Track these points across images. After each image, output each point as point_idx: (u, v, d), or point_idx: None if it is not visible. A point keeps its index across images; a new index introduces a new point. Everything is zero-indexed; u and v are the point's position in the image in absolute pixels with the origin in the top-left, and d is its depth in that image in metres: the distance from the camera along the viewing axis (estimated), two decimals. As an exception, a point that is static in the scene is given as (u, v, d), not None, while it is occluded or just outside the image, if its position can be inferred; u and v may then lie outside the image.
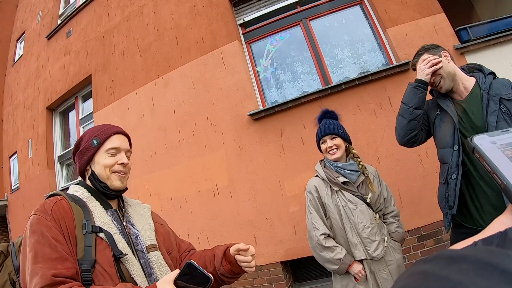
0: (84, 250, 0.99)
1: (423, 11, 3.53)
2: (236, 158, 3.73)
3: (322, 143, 1.98)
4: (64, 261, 0.93)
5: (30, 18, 7.51)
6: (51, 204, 1.04)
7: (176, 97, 4.23)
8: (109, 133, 1.20)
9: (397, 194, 3.13)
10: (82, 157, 1.18)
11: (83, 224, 1.03)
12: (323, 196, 1.89)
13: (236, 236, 3.60)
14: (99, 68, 5.20)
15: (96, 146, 1.16)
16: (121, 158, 1.19)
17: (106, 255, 1.02)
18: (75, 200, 1.10)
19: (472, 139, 0.39)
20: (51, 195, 1.12)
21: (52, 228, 0.97)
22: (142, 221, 1.25)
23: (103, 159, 1.16)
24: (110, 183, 1.16)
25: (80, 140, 1.21)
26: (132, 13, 5.00)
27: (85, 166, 1.19)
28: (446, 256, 0.27)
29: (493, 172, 0.35)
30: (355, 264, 1.78)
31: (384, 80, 3.41)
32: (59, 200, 1.07)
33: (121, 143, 1.21)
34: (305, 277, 3.66)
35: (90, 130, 1.22)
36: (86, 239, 1.01)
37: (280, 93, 3.95)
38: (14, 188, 6.86)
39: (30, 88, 6.61)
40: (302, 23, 4.04)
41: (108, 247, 1.03)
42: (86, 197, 1.13)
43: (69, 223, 1.02)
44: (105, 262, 1.00)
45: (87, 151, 1.17)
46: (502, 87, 1.61)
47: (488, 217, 1.63)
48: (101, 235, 1.05)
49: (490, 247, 0.27)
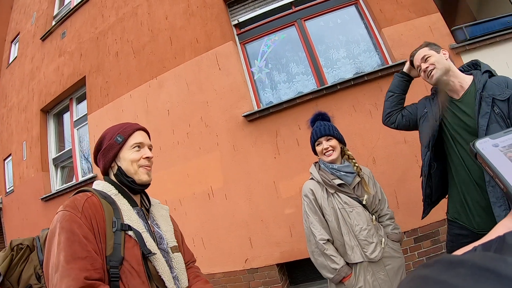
0: (113, 247, 1.01)
1: (419, 11, 3.52)
2: (231, 159, 3.70)
3: (317, 145, 1.96)
4: (94, 260, 0.94)
5: (25, 20, 7.46)
6: (82, 200, 1.05)
7: (170, 99, 4.19)
8: (132, 130, 1.27)
9: (394, 195, 3.11)
10: (107, 155, 1.22)
11: (113, 222, 1.06)
12: (319, 199, 1.87)
13: (232, 239, 3.56)
14: (93, 70, 5.16)
15: (121, 142, 1.22)
16: (146, 152, 1.26)
17: (135, 253, 1.05)
18: (105, 197, 1.13)
19: (475, 144, 0.37)
20: (80, 191, 1.14)
21: (83, 226, 0.98)
22: (165, 222, 1.31)
23: (129, 154, 1.22)
24: (138, 178, 1.21)
25: (102, 139, 1.26)
26: (127, 14, 4.97)
27: (110, 163, 1.23)
28: (446, 261, 0.28)
29: (495, 176, 0.34)
30: (351, 277, 1.76)
31: (379, 81, 3.39)
32: (89, 197, 1.08)
33: (144, 139, 1.29)
34: (302, 280, 3.62)
35: (111, 129, 1.28)
36: (116, 236, 1.04)
37: (275, 94, 3.92)
38: (9, 191, 6.80)
39: (25, 90, 6.56)
40: (297, 24, 4.01)
41: (136, 245, 1.06)
42: (114, 194, 1.17)
43: (99, 220, 1.04)
44: (133, 260, 1.03)
45: (112, 148, 1.22)
46: (497, 87, 1.56)
47: (477, 218, 1.63)
48: (130, 233, 1.07)
49: (488, 253, 0.28)
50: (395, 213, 2.88)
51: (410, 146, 3.15)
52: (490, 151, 0.35)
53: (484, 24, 3.40)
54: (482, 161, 0.35)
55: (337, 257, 1.77)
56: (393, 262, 1.82)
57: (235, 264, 3.54)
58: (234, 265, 3.54)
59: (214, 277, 3.61)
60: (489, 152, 0.35)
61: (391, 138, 3.24)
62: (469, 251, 0.30)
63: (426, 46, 1.77)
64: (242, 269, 3.51)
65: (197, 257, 3.81)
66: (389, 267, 1.79)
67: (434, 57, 1.70)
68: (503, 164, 0.33)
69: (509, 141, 0.36)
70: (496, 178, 0.33)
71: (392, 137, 3.23)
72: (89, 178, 4.73)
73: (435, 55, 1.71)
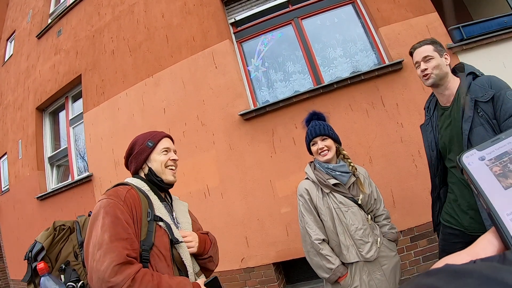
0: (146, 233, 1.20)
1: (416, 10, 3.51)
2: (227, 158, 3.68)
3: (312, 144, 1.94)
4: (133, 242, 1.12)
5: (21, 17, 7.40)
6: (124, 191, 1.23)
7: (167, 97, 4.17)
8: (161, 136, 1.48)
9: (390, 194, 3.11)
10: (139, 157, 1.42)
11: (148, 212, 1.25)
12: (314, 199, 1.86)
13: (227, 238, 3.55)
14: (89, 68, 5.12)
15: (152, 147, 1.42)
16: (172, 155, 1.47)
17: (164, 240, 1.24)
18: (141, 191, 1.32)
19: (461, 159, 0.35)
20: (120, 183, 1.33)
21: (125, 212, 1.16)
22: (183, 216, 1.50)
23: (159, 157, 1.42)
24: (165, 177, 1.41)
25: (133, 145, 1.46)
26: (123, 12, 4.93)
27: (142, 164, 1.43)
28: (450, 270, 0.27)
29: (479, 195, 0.32)
30: (347, 277, 1.75)
31: (376, 80, 3.38)
32: (130, 189, 1.27)
33: (170, 144, 1.50)
34: (298, 279, 3.62)
35: (141, 136, 1.48)
36: (150, 225, 1.22)
37: (272, 93, 3.91)
38: (4, 190, 6.76)
39: (20, 88, 6.51)
40: (293, 22, 4.00)
41: (165, 234, 1.26)
42: (147, 190, 1.35)
43: (138, 209, 1.22)
44: (161, 246, 1.22)
45: (144, 151, 1.42)
46: (480, 89, 1.53)
47: (468, 220, 1.64)
48: (161, 224, 1.27)
49: (494, 263, 0.27)
50: (392, 212, 2.89)
51: (406, 145, 3.15)
52: (476, 166, 0.34)
53: (481, 24, 3.39)
54: (468, 177, 0.34)
55: (333, 257, 1.77)
56: (389, 262, 1.82)
57: (231, 263, 3.53)
58: (230, 264, 3.53)
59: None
60: (474, 168, 0.33)
61: (387, 137, 3.24)
62: (468, 262, 0.29)
63: (431, 44, 1.70)
64: (238, 268, 3.51)
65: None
66: (385, 267, 1.79)
67: (436, 60, 1.65)
68: (488, 182, 0.32)
69: (496, 152, 0.34)
70: (480, 198, 0.32)
71: (388, 136, 3.23)
72: (84, 177, 4.70)
73: (437, 58, 1.66)
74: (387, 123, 3.28)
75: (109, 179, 4.44)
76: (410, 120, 3.21)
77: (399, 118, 3.25)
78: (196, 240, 1.39)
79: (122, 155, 1.50)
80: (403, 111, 3.26)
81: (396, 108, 3.28)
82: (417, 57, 1.73)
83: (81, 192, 4.83)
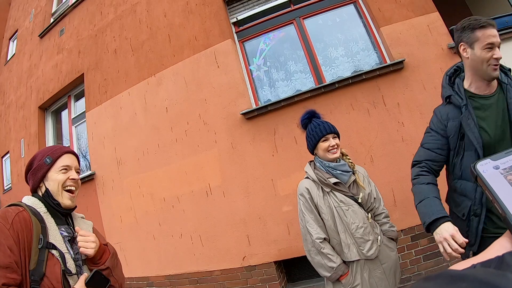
0: (36, 262, 1.08)
1: (417, 10, 3.52)
2: (229, 157, 3.70)
3: (323, 141, 1.90)
4: (13, 272, 1.01)
5: (23, 17, 7.42)
6: (13, 213, 1.12)
7: (169, 96, 4.19)
8: (61, 153, 1.33)
9: (391, 194, 3.12)
10: (36, 174, 1.28)
11: (40, 239, 1.12)
12: (315, 198, 1.86)
13: (229, 236, 3.57)
14: (91, 67, 5.14)
15: (49, 164, 1.28)
16: (72, 174, 1.32)
17: (55, 270, 1.11)
18: (35, 213, 1.18)
19: (475, 167, 0.36)
20: (13, 204, 1.20)
21: (9, 238, 1.04)
22: None
23: (56, 175, 1.28)
24: (61, 201, 1.27)
25: (33, 160, 1.32)
26: (125, 12, 4.95)
27: (38, 183, 1.29)
28: (447, 276, 0.28)
29: (494, 201, 0.33)
30: (348, 275, 1.76)
31: (377, 79, 3.39)
32: (21, 211, 1.14)
33: (71, 162, 1.35)
34: (299, 277, 3.64)
35: (42, 151, 1.34)
36: (40, 253, 1.10)
37: (273, 92, 3.93)
38: (7, 189, 6.78)
39: (23, 87, 6.52)
40: (295, 22, 4.01)
41: (57, 263, 1.13)
42: (43, 212, 1.22)
43: (27, 235, 1.09)
44: (53, 277, 1.10)
45: (41, 168, 1.28)
46: None
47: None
48: (54, 252, 1.14)
49: (489, 269, 0.28)
50: (393, 211, 2.90)
51: (407, 144, 3.16)
52: (491, 174, 0.34)
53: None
54: (482, 184, 0.35)
55: (334, 255, 1.77)
56: (389, 260, 1.83)
57: (233, 262, 3.55)
58: (232, 262, 3.55)
59: (212, 275, 3.62)
60: (489, 175, 0.34)
61: (388, 136, 3.25)
62: (468, 267, 0.30)
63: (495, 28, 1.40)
64: (240, 267, 3.52)
65: (195, 255, 3.81)
66: (385, 265, 1.80)
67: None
68: (503, 188, 0.33)
69: (510, 163, 0.35)
70: (495, 203, 0.33)
71: (389, 136, 3.24)
72: (87, 176, 4.72)
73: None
74: (388, 122, 3.29)
75: (111, 177, 4.46)
76: (411, 119, 3.23)
77: (400, 118, 3.26)
78: (97, 243, 1.27)
79: (125, 154, 1.45)
80: (404, 111, 3.27)
81: (397, 108, 3.29)
82: (490, 38, 1.39)
83: (83, 190, 4.84)
